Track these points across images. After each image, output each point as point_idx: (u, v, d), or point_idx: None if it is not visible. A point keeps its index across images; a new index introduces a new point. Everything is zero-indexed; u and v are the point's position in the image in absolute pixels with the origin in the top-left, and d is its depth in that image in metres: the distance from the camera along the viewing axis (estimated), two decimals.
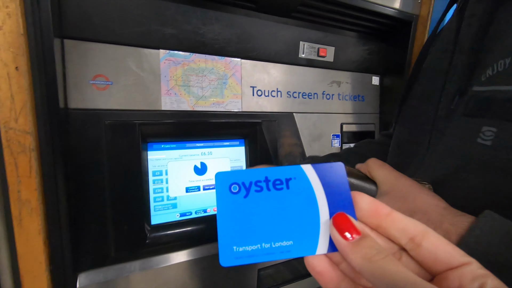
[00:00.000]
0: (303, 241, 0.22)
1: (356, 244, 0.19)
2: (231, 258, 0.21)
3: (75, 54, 0.59)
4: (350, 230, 0.20)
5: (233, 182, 0.22)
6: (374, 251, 0.18)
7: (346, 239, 0.20)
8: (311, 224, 0.22)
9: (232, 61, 0.76)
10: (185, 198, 0.76)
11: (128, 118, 0.65)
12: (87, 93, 0.61)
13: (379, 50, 1.01)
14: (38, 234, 0.52)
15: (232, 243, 0.21)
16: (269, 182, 0.22)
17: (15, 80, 0.46)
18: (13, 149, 0.48)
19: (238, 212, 0.22)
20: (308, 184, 0.23)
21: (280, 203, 0.22)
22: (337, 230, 0.20)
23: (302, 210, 0.22)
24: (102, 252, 0.63)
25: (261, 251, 0.21)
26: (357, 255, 0.19)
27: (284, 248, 0.21)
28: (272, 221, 0.22)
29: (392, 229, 0.20)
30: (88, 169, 0.61)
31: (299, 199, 0.22)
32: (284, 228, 0.22)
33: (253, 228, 0.21)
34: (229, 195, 0.22)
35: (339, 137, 0.96)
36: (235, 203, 0.22)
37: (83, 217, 0.61)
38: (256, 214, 0.22)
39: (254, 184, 0.22)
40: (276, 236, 0.21)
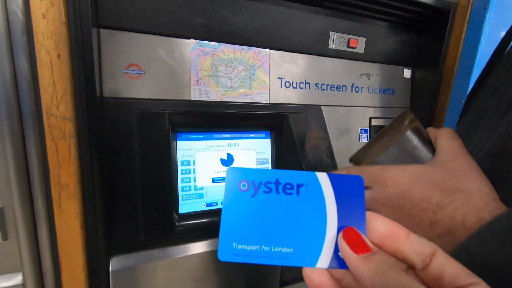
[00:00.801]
0: (304, 251, 0.21)
1: (368, 258, 0.19)
2: (229, 254, 0.21)
3: (110, 43, 0.60)
4: (360, 245, 0.19)
5: (243, 179, 0.22)
6: (387, 265, 0.18)
7: (357, 253, 0.19)
8: (316, 235, 0.21)
9: (260, 52, 0.75)
10: (211, 188, 0.76)
11: (159, 107, 0.66)
12: (121, 82, 0.62)
13: (412, 41, 0.97)
14: (75, 217, 0.54)
15: (232, 239, 0.21)
16: (279, 185, 0.22)
17: (57, 68, 0.48)
18: (54, 135, 0.49)
19: (243, 210, 0.21)
20: (320, 194, 0.22)
21: (286, 208, 0.21)
22: (347, 243, 0.20)
23: (309, 219, 0.21)
24: (132, 238, 0.65)
25: (259, 252, 0.21)
26: (369, 269, 0.18)
27: (283, 254, 0.21)
28: (276, 225, 0.21)
29: (411, 253, 0.19)
30: (120, 157, 0.63)
31: (307, 207, 0.21)
32: (287, 234, 0.21)
33: (255, 229, 0.21)
34: (237, 192, 0.22)
35: (367, 131, 0.94)
36: (242, 201, 0.21)
37: (115, 203, 0.63)
38: (261, 215, 0.21)
39: (263, 185, 0.22)
40: (277, 241, 0.21)
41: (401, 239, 0.19)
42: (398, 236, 0.20)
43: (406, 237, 0.19)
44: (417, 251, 0.19)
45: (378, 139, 0.39)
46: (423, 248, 0.19)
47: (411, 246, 0.19)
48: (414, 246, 0.19)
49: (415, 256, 0.19)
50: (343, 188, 0.22)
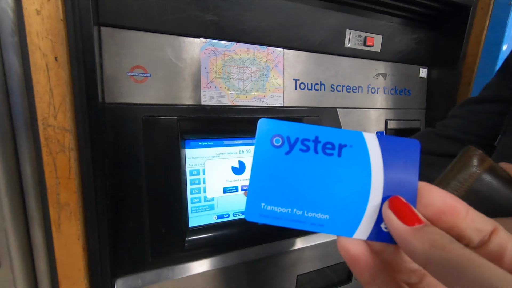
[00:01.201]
0: (342, 219, 0.19)
1: (422, 230, 0.16)
2: (256, 215, 0.19)
3: (112, 44, 0.54)
4: (409, 216, 0.17)
5: (277, 134, 0.19)
6: (446, 239, 0.15)
7: (408, 224, 0.17)
8: (357, 203, 0.19)
9: (274, 51, 0.70)
10: (222, 199, 0.71)
11: (167, 113, 0.60)
12: (125, 86, 0.56)
13: (429, 39, 0.92)
14: (77, 239, 0.48)
15: (261, 199, 0.19)
16: (318, 144, 0.19)
17: (54, 72, 0.42)
18: (52, 148, 0.43)
19: (275, 168, 0.19)
20: (366, 157, 0.19)
21: (325, 171, 0.19)
22: (394, 213, 0.18)
23: (350, 185, 0.19)
24: (139, 257, 0.60)
25: (290, 216, 0.19)
26: (423, 242, 0.16)
27: (317, 220, 0.19)
28: (311, 188, 0.19)
29: (470, 230, 0.17)
30: (125, 169, 0.57)
31: (349, 171, 0.19)
32: (323, 199, 0.19)
33: (288, 190, 0.19)
34: (270, 147, 0.19)
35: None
36: (274, 158, 0.19)
37: (120, 220, 0.57)
38: (295, 176, 0.19)
39: (300, 142, 0.19)
40: (312, 206, 0.19)
41: (460, 215, 0.17)
42: (457, 211, 0.17)
43: (466, 212, 0.17)
44: (477, 228, 0.17)
45: (442, 185, 0.33)
46: (483, 225, 0.17)
47: (471, 223, 0.17)
48: (474, 223, 0.17)
49: (474, 233, 0.17)
50: (394, 153, 0.19)
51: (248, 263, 0.70)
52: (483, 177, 0.30)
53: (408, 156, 0.19)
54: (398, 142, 0.19)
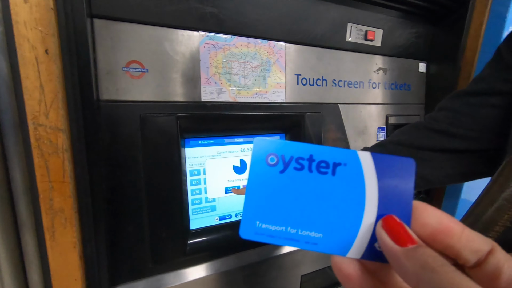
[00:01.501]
0: (335, 238, 0.19)
1: (414, 251, 0.16)
2: (251, 232, 0.19)
3: (106, 37, 0.51)
4: (403, 236, 0.17)
5: (272, 153, 0.20)
6: (438, 261, 0.15)
7: (400, 245, 0.17)
8: (351, 222, 0.19)
9: (276, 45, 0.67)
10: (224, 199, 0.68)
11: (165, 110, 0.57)
12: (121, 82, 0.52)
13: (428, 34, 0.91)
14: (73, 247, 0.44)
15: (256, 217, 0.19)
16: (313, 162, 0.19)
17: (45, 66, 0.38)
18: (44, 150, 0.40)
19: (270, 186, 0.20)
20: (360, 176, 0.19)
21: (319, 189, 0.19)
22: (387, 233, 0.17)
23: (344, 204, 0.19)
24: (139, 263, 0.56)
25: (284, 234, 0.19)
26: (415, 264, 0.15)
27: (311, 238, 0.19)
28: (305, 206, 0.19)
29: (466, 251, 0.17)
30: (122, 171, 0.53)
31: (343, 190, 0.19)
32: (317, 218, 0.19)
33: (282, 208, 0.19)
34: (264, 166, 0.20)
35: (384, 130, 0.88)
36: (269, 176, 0.20)
37: (119, 225, 0.53)
38: (289, 194, 0.20)
39: (294, 160, 0.20)
40: (306, 224, 0.19)
41: (455, 235, 0.17)
42: (453, 231, 0.17)
43: (462, 232, 0.17)
44: (474, 248, 0.17)
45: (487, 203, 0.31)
46: (480, 245, 0.17)
47: (467, 243, 0.17)
48: (470, 243, 0.17)
49: (470, 253, 0.17)
50: (388, 171, 0.19)
51: (251, 265, 0.67)
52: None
53: (403, 174, 0.19)
54: (392, 160, 0.19)
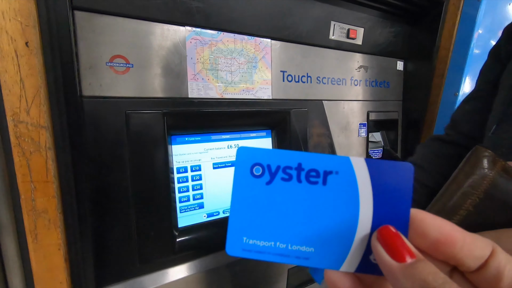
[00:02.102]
0: (328, 252, 0.18)
1: (412, 268, 0.15)
2: (238, 249, 0.18)
3: (88, 30, 0.48)
4: (401, 249, 0.16)
5: (257, 163, 0.18)
6: (439, 279, 0.14)
7: (397, 260, 0.15)
8: (344, 234, 0.18)
9: (262, 42, 0.67)
10: (211, 196, 0.68)
11: (152, 107, 0.55)
12: (104, 78, 0.51)
13: (405, 33, 0.95)
14: (57, 249, 0.43)
15: (242, 232, 0.18)
16: (301, 172, 0.18)
17: (25, 60, 0.36)
18: (25, 148, 0.38)
19: (256, 199, 0.18)
20: (354, 184, 0.18)
21: (309, 201, 0.18)
22: (383, 246, 0.16)
23: (336, 215, 0.18)
24: (126, 263, 0.55)
25: (273, 249, 0.18)
26: (414, 282, 0.14)
27: (301, 253, 0.18)
28: (294, 219, 0.18)
29: (468, 259, 0.16)
30: (107, 169, 0.52)
31: (335, 200, 0.18)
32: (308, 231, 0.18)
33: (270, 222, 0.18)
34: (249, 177, 0.18)
35: (365, 126, 0.91)
36: (255, 188, 0.18)
37: (105, 226, 0.52)
38: (277, 207, 0.18)
39: (281, 170, 0.18)
40: (296, 238, 0.18)
41: (457, 244, 0.16)
42: (455, 240, 0.16)
43: (463, 241, 0.16)
44: (476, 255, 0.16)
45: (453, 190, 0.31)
46: (481, 251, 0.16)
47: (469, 252, 0.16)
48: (471, 251, 0.16)
49: (472, 261, 0.16)
50: (384, 178, 0.18)
51: (241, 261, 0.68)
52: (497, 181, 0.29)
53: (400, 181, 0.18)
54: (388, 166, 0.18)
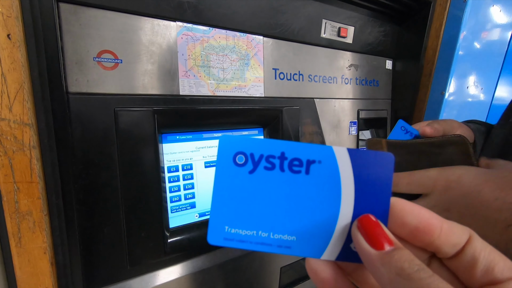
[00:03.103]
0: (309, 240, 0.18)
1: (390, 256, 0.15)
2: (220, 238, 0.18)
3: (75, 24, 0.46)
4: (379, 237, 0.16)
5: (240, 152, 0.18)
6: (414, 266, 0.14)
7: (376, 248, 0.16)
8: (325, 223, 0.18)
9: (254, 39, 0.67)
10: (203, 196, 0.67)
11: (142, 104, 0.54)
12: (92, 74, 0.49)
13: (394, 33, 0.96)
14: (43, 253, 0.41)
15: (224, 221, 0.18)
16: (284, 161, 0.18)
17: (7, 53, 0.34)
18: (7, 147, 0.36)
19: (239, 188, 0.18)
20: (336, 174, 0.18)
21: (291, 190, 0.18)
22: (362, 235, 0.17)
23: (318, 204, 0.18)
24: (116, 266, 0.53)
25: (255, 238, 0.18)
26: (390, 269, 0.15)
27: (283, 242, 0.18)
28: (277, 208, 0.18)
29: (445, 246, 0.16)
30: (96, 169, 0.50)
31: (318, 189, 0.18)
32: (290, 220, 0.18)
33: (252, 211, 0.18)
34: (232, 166, 0.18)
35: (356, 124, 0.92)
36: (237, 177, 0.18)
37: (93, 227, 0.50)
38: (259, 196, 0.18)
39: (264, 159, 0.18)
40: (278, 227, 0.18)
41: (435, 232, 0.16)
42: (433, 228, 0.16)
43: (441, 228, 0.16)
44: (453, 242, 0.16)
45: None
46: (459, 238, 0.16)
47: (446, 239, 0.16)
48: (449, 238, 0.16)
49: (449, 248, 0.16)
50: (365, 168, 0.18)
51: (233, 260, 0.67)
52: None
53: (381, 170, 0.18)
54: (370, 156, 0.18)
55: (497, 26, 1.01)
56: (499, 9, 0.97)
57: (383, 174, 0.18)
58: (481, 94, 1.06)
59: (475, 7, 0.86)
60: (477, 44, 0.95)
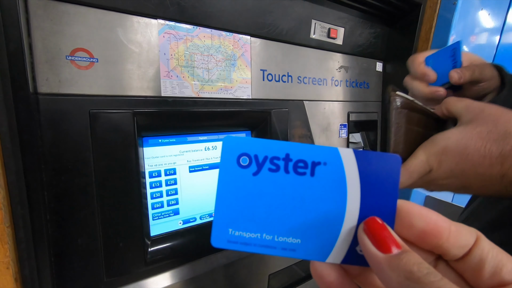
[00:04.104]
0: (314, 243, 0.18)
1: (398, 259, 0.15)
2: (223, 241, 0.18)
3: (45, 19, 0.43)
4: (387, 240, 0.16)
5: (244, 153, 0.18)
6: (424, 270, 0.14)
7: (383, 251, 0.15)
8: (331, 225, 0.18)
9: (241, 39, 0.64)
10: (188, 201, 0.64)
11: (120, 106, 0.51)
12: (64, 73, 0.45)
13: (384, 35, 0.96)
14: (5, 268, 0.37)
15: (228, 224, 0.18)
16: (289, 162, 0.18)
17: None
18: None
19: (243, 190, 0.18)
20: (342, 176, 0.18)
21: (296, 192, 0.18)
22: (369, 238, 0.16)
23: (323, 206, 0.18)
24: (91, 278, 0.50)
25: (259, 241, 0.18)
26: (399, 273, 0.14)
27: (288, 245, 0.18)
28: (281, 210, 0.18)
29: (453, 248, 0.16)
30: (68, 175, 0.46)
31: (323, 191, 0.18)
32: (294, 223, 0.18)
33: (257, 213, 0.18)
34: (236, 168, 0.18)
35: (346, 126, 0.90)
36: (241, 179, 0.18)
37: (65, 238, 0.47)
38: (264, 198, 0.18)
39: (269, 161, 0.18)
40: (282, 230, 0.18)
41: (443, 235, 0.16)
42: (441, 231, 0.16)
43: (449, 230, 0.16)
44: (462, 245, 0.16)
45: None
46: (466, 240, 0.16)
47: (454, 242, 0.16)
48: (457, 241, 0.16)
49: (457, 250, 0.16)
50: (372, 170, 0.18)
51: (220, 268, 0.64)
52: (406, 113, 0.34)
53: (388, 172, 0.18)
54: (376, 157, 0.18)
55: (486, 30, 1.01)
56: (488, 13, 0.97)
57: (390, 176, 0.18)
58: None
59: (464, 11, 0.86)
60: (466, 48, 0.95)
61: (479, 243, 0.16)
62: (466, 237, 0.16)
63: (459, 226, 0.17)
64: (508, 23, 1.06)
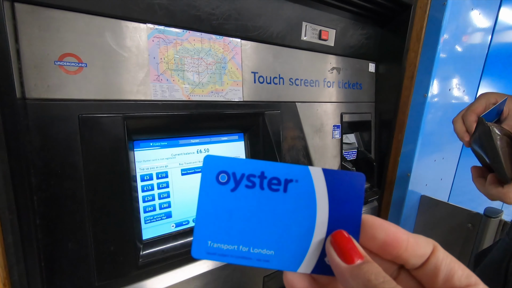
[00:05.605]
0: (287, 254, 0.19)
1: (358, 269, 0.16)
2: (203, 252, 0.19)
3: (33, 25, 0.43)
4: (350, 252, 0.17)
5: (223, 171, 0.19)
6: (380, 278, 0.16)
7: (346, 262, 0.17)
8: (302, 238, 0.19)
9: (231, 42, 0.65)
10: (180, 204, 0.64)
11: (110, 110, 0.51)
12: (53, 78, 0.46)
13: (376, 35, 0.96)
14: None
15: (207, 236, 0.19)
16: (264, 180, 0.19)
17: None
18: None
19: (221, 205, 0.19)
20: (311, 192, 0.19)
21: (270, 207, 0.19)
22: (335, 250, 0.18)
23: (295, 220, 0.19)
24: (82, 282, 0.50)
25: (236, 253, 0.19)
26: (358, 281, 0.16)
27: (262, 256, 0.19)
28: (257, 224, 0.19)
29: (412, 258, 0.18)
30: (58, 180, 0.47)
31: (295, 207, 0.19)
32: (269, 235, 0.19)
33: (233, 227, 0.19)
34: (215, 184, 0.19)
35: (339, 127, 0.90)
36: (220, 195, 0.19)
37: (55, 243, 0.47)
38: (240, 213, 0.19)
39: (246, 178, 0.19)
40: (257, 242, 0.19)
41: (402, 245, 0.18)
42: (400, 242, 0.18)
43: (407, 242, 0.18)
44: (418, 254, 0.18)
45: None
46: (424, 249, 0.18)
47: (412, 251, 0.18)
48: (415, 251, 0.18)
49: (416, 259, 0.18)
50: (339, 187, 0.19)
51: (213, 271, 0.64)
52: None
53: (353, 189, 0.19)
54: (343, 175, 0.19)
55: (478, 30, 1.02)
56: (479, 12, 0.98)
57: (356, 192, 0.19)
58: (465, 96, 1.07)
59: (455, 11, 0.87)
60: (459, 48, 0.96)
61: (435, 253, 0.18)
62: (423, 247, 0.18)
63: (417, 237, 0.18)
64: (499, 22, 1.07)
